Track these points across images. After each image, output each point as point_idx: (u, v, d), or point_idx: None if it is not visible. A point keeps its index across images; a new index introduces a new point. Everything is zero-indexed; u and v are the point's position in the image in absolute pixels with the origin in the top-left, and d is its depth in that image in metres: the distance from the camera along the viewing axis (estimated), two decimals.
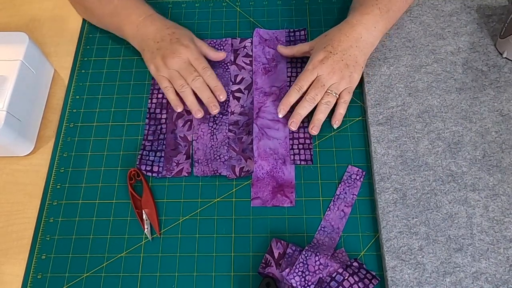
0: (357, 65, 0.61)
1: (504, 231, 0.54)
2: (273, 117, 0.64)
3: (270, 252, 0.55)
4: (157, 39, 0.64)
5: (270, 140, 0.62)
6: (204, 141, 0.63)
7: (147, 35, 0.65)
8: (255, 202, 0.59)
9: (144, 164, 0.61)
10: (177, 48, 0.63)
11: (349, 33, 0.62)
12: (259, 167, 0.61)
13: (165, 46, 0.63)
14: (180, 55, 0.62)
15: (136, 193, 0.60)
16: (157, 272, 0.56)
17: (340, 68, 0.60)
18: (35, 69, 0.65)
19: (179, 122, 0.65)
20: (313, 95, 0.60)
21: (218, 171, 0.61)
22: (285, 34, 0.71)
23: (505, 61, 0.64)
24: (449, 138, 0.60)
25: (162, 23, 0.66)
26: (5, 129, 0.58)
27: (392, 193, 0.57)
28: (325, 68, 0.60)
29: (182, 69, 0.63)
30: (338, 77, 0.60)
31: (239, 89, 0.67)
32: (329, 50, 0.61)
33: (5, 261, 0.58)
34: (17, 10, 0.77)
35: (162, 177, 0.61)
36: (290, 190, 0.59)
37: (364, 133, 0.63)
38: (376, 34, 0.63)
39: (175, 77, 0.63)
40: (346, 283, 0.51)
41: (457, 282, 0.52)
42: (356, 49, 0.61)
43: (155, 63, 0.64)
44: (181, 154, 0.63)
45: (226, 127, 0.64)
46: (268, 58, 0.69)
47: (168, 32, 0.64)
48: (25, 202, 0.62)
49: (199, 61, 0.64)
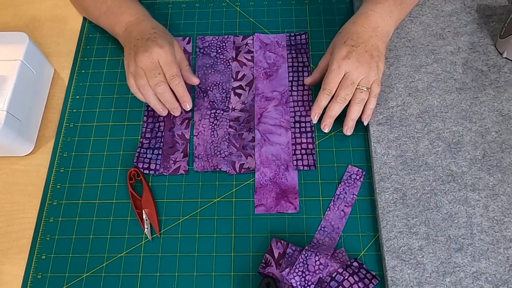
0: (380, 54, 0.60)
1: (504, 231, 0.54)
2: (275, 122, 0.64)
3: (270, 252, 0.55)
4: (138, 36, 0.62)
5: (272, 145, 0.62)
6: (204, 137, 0.63)
7: (131, 33, 0.64)
8: (259, 209, 0.58)
9: (142, 161, 0.62)
10: (150, 46, 0.60)
11: (366, 23, 0.60)
12: (262, 174, 0.60)
13: (141, 44, 0.61)
14: (151, 54, 0.59)
15: (136, 193, 0.60)
16: (157, 272, 0.56)
17: (366, 60, 0.58)
18: (35, 69, 0.65)
19: (177, 120, 0.65)
20: (344, 95, 0.58)
21: (218, 166, 0.61)
22: (286, 38, 0.71)
23: (505, 61, 0.64)
24: (449, 138, 0.60)
25: (150, 24, 0.64)
26: (5, 129, 0.58)
27: (392, 193, 0.57)
28: (351, 63, 0.58)
29: (147, 69, 0.60)
30: (366, 70, 0.58)
31: (240, 86, 0.67)
32: (350, 44, 0.59)
33: (5, 261, 0.58)
34: (17, 10, 0.77)
35: (159, 174, 0.61)
36: (294, 196, 0.59)
37: (364, 133, 0.63)
38: (391, 23, 0.61)
39: (139, 75, 0.60)
40: (346, 283, 0.51)
41: (457, 282, 0.52)
42: (376, 38, 0.60)
43: (128, 59, 0.62)
44: (178, 152, 0.63)
45: (227, 123, 0.64)
46: (269, 62, 0.68)
47: (150, 32, 0.62)
48: (25, 202, 0.62)
49: (169, 66, 0.60)
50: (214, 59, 0.70)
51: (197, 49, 0.71)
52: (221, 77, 0.68)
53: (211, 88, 0.67)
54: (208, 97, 0.67)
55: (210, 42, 0.71)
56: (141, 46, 0.60)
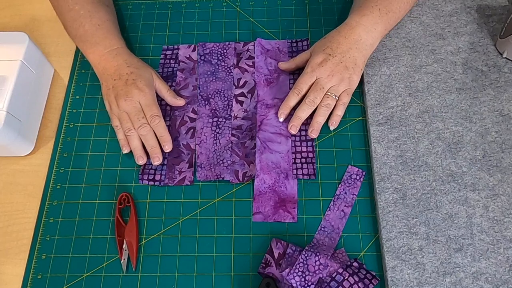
0: (356, 67, 0.61)
1: (504, 231, 0.54)
2: (275, 130, 0.63)
3: (270, 252, 0.55)
4: (115, 76, 0.62)
5: (272, 153, 0.61)
6: (207, 146, 0.63)
7: (106, 70, 0.63)
8: (257, 217, 0.58)
9: (147, 173, 0.61)
10: (130, 91, 0.60)
11: (348, 35, 0.61)
12: (261, 181, 0.59)
13: (120, 86, 0.61)
14: (132, 98, 0.60)
15: (123, 218, 0.58)
16: (157, 272, 0.56)
17: (339, 71, 0.60)
18: (35, 69, 0.65)
19: (182, 129, 0.64)
20: (313, 98, 0.60)
21: (221, 176, 0.60)
22: (287, 45, 0.70)
23: (505, 61, 0.64)
24: (449, 138, 0.60)
25: (124, 60, 0.63)
26: (5, 129, 0.58)
27: (392, 193, 0.57)
28: (324, 70, 0.60)
29: (131, 113, 0.61)
30: (337, 80, 0.60)
31: (242, 93, 0.66)
32: (328, 53, 0.61)
33: (5, 261, 0.58)
34: (17, 10, 0.77)
35: (164, 185, 0.61)
36: (292, 205, 0.58)
37: (364, 133, 0.63)
38: (376, 35, 0.62)
39: (124, 120, 0.61)
40: (346, 283, 0.51)
41: (457, 282, 0.52)
42: (355, 51, 0.61)
43: (109, 100, 0.62)
44: (183, 162, 0.62)
45: (229, 131, 0.64)
46: (270, 69, 0.68)
47: (127, 71, 0.62)
48: (25, 202, 0.62)
49: (149, 107, 0.61)
50: (216, 66, 0.69)
51: (198, 56, 0.70)
52: (222, 84, 0.67)
53: (212, 96, 0.67)
54: (210, 105, 0.66)
55: (211, 49, 0.71)
56: (121, 89, 0.61)
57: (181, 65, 0.70)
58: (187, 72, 0.69)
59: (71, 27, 0.66)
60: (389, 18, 0.63)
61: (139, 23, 0.74)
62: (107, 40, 0.65)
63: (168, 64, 0.70)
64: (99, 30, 0.65)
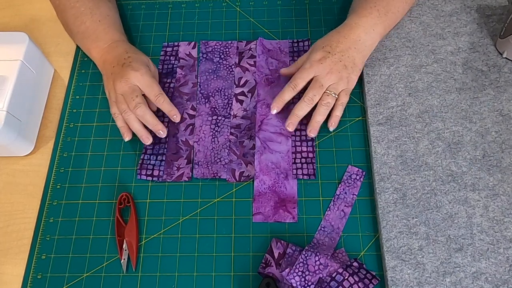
0: (355, 67, 0.61)
1: (504, 231, 0.54)
2: (275, 130, 0.63)
3: (270, 252, 0.55)
4: (114, 63, 0.62)
5: (272, 153, 0.61)
6: (205, 143, 0.63)
7: (107, 60, 0.63)
8: (257, 217, 0.58)
9: (145, 168, 0.61)
10: (126, 72, 0.60)
11: (348, 35, 0.61)
12: (261, 181, 0.59)
13: (117, 71, 0.61)
14: (128, 79, 0.60)
15: (123, 218, 0.58)
16: (157, 272, 0.56)
17: (338, 69, 0.60)
18: (35, 69, 0.65)
19: (181, 126, 0.65)
20: (312, 95, 0.59)
21: (218, 174, 0.60)
22: (289, 45, 0.70)
23: (505, 61, 0.64)
24: (449, 138, 0.60)
25: (124, 49, 0.64)
26: (5, 129, 0.58)
27: (392, 193, 0.57)
28: (323, 68, 0.60)
29: (125, 94, 0.60)
30: (336, 78, 0.60)
31: (242, 92, 0.66)
32: (327, 50, 0.60)
33: (5, 261, 0.58)
34: (17, 10, 0.77)
35: (162, 181, 0.61)
36: (292, 205, 0.58)
37: (364, 133, 0.63)
38: (375, 36, 0.62)
39: (120, 102, 0.60)
40: (346, 283, 0.51)
41: (457, 282, 0.52)
42: (354, 51, 0.61)
43: (108, 88, 0.63)
44: (182, 159, 0.62)
45: (228, 130, 0.64)
46: (271, 69, 0.68)
47: (125, 57, 0.62)
48: (25, 202, 0.62)
49: (150, 87, 0.61)
50: (217, 64, 0.69)
51: (200, 54, 0.70)
52: (223, 83, 0.68)
53: (213, 94, 0.67)
54: (210, 103, 0.66)
55: (214, 47, 0.71)
56: (118, 73, 0.61)
57: (181, 62, 0.70)
58: (187, 69, 0.69)
59: (73, 24, 0.66)
60: (388, 19, 0.63)
61: (139, 23, 0.74)
62: (108, 35, 0.65)
63: (168, 61, 0.70)
64: (100, 26, 0.66)
